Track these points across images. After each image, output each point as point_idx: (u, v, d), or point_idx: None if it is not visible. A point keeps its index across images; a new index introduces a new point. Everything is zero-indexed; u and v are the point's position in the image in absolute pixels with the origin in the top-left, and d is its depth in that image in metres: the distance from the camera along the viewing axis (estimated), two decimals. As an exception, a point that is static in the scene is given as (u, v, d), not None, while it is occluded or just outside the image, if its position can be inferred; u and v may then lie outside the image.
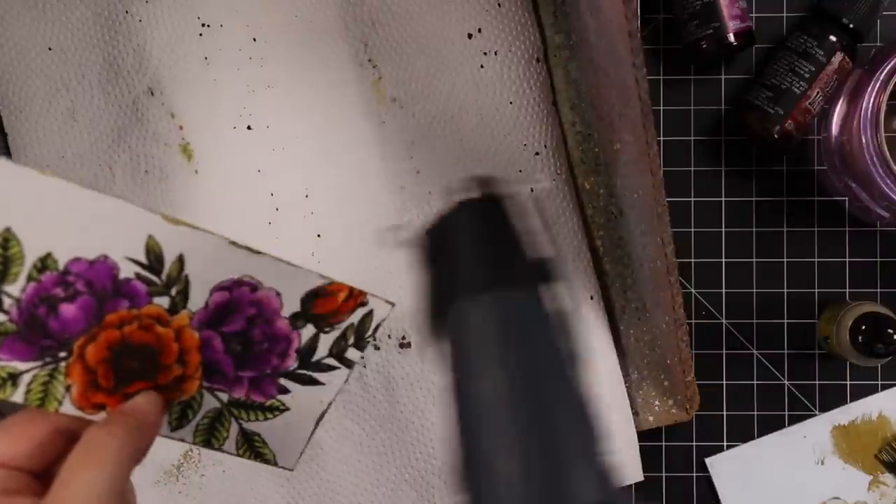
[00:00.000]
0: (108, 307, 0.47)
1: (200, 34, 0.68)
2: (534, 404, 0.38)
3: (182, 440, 0.48)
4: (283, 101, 0.68)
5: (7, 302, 0.45)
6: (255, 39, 0.68)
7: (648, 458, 0.70)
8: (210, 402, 0.48)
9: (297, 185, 0.68)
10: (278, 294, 0.48)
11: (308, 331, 0.48)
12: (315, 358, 0.49)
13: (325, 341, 0.49)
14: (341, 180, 0.69)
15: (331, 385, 0.50)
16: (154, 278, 0.47)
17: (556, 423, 0.38)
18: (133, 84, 0.68)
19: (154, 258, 0.47)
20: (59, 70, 0.68)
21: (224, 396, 0.48)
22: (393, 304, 0.48)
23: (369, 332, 0.49)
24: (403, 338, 0.68)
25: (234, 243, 0.47)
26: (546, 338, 0.41)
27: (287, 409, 0.49)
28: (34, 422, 0.45)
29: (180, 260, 0.47)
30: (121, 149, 0.69)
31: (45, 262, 0.46)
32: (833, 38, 0.66)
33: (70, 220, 0.46)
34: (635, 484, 0.70)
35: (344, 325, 0.49)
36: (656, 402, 0.68)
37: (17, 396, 0.46)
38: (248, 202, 0.68)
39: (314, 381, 0.49)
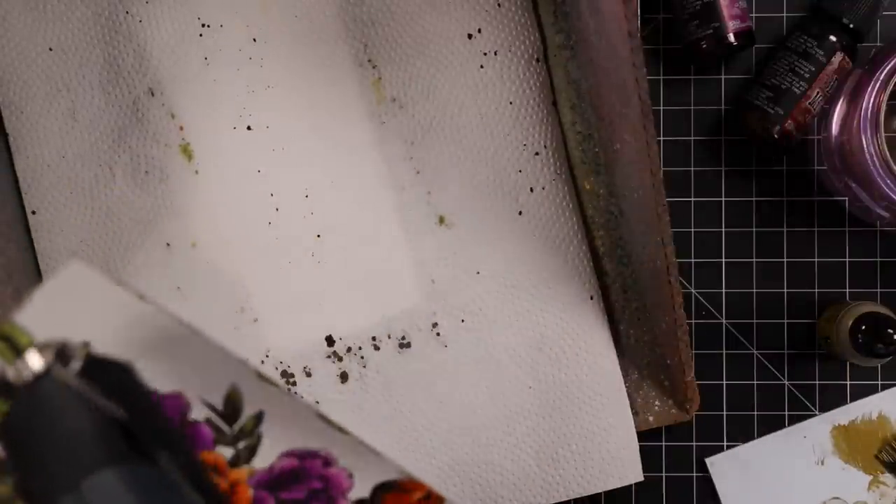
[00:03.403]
0: None
1: (200, 34, 0.68)
2: None
3: None
4: (283, 101, 0.68)
5: None
6: (255, 39, 0.68)
7: (648, 458, 0.70)
8: None
9: (297, 185, 0.69)
10: (350, 475, 0.44)
11: None
12: None
13: None
14: (341, 180, 0.69)
15: None
16: (225, 427, 0.44)
17: None
18: (133, 84, 0.68)
19: (232, 409, 0.44)
20: (59, 70, 0.68)
21: None
22: None
23: None
24: (403, 338, 0.68)
25: (322, 416, 0.43)
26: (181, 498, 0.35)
27: None
28: None
29: (258, 417, 0.43)
30: (121, 149, 0.69)
31: None
32: (833, 38, 0.66)
33: (157, 350, 0.43)
34: (635, 484, 0.70)
35: None
36: (656, 402, 0.69)
37: None
38: (248, 202, 0.69)
39: None
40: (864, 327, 0.63)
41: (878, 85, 0.62)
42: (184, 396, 0.44)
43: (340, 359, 0.68)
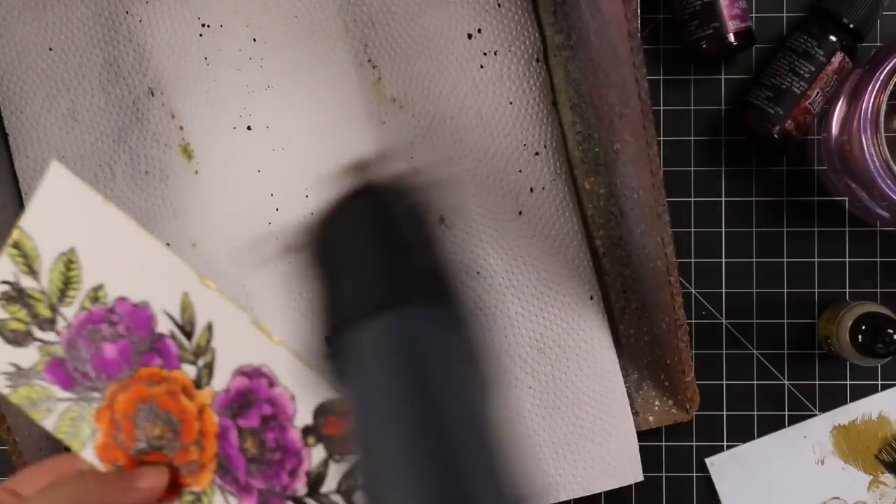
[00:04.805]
0: (143, 359, 0.46)
1: (200, 34, 0.68)
2: (438, 448, 0.33)
3: None
4: (283, 101, 0.68)
5: (61, 324, 0.46)
6: (255, 39, 0.68)
7: (648, 458, 0.70)
8: None
9: (297, 185, 0.69)
10: (293, 398, 0.47)
11: (318, 453, 0.47)
12: (324, 489, 0.47)
13: (335, 472, 0.47)
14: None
15: None
16: (185, 342, 0.46)
17: (462, 465, 0.33)
18: (133, 84, 0.68)
19: (187, 320, 0.46)
20: (59, 70, 0.68)
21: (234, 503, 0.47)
22: None
23: None
24: (403, 338, 0.68)
25: (255, 323, 0.46)
26: (452, 365, 0.35)
27: None
28: (64, 466, 0.46)
29: (209, 329, 0.46)
30: (121, 149, 0.69)
31: (97, 294, 0.46)
32: (833, 38, 0.66)
33: (122, 255, 0.45)
34: (635, 484, 0.70)
35: (353, 458, 0.47)
36: (656, 402, 0.68)
37: (49, 423, 0.47)
38: (248, 202, 0.69)
39: None
40: (864, 327, 0.63)
41: (878, 85, 0.62)
42: (150, 307, 0.46)
43: (340, 359, 0.68)
